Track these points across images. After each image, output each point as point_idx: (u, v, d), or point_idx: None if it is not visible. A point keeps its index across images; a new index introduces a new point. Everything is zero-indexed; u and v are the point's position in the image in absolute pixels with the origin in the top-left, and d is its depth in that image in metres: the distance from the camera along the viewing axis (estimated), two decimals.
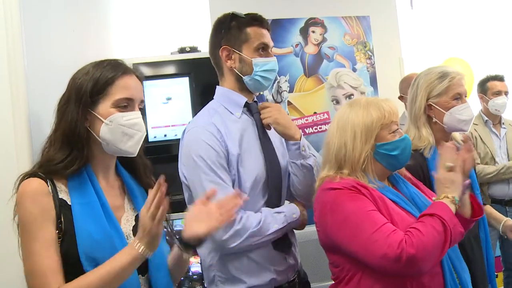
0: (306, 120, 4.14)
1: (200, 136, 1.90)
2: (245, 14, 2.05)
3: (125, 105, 1.54)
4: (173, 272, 1.64)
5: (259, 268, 1.91)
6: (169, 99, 3.29)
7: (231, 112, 2.02)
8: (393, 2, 4.63)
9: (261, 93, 4.02)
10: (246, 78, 2.00)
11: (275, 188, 2.02)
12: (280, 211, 1.96)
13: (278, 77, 4.10)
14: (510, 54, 5.18)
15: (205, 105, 2.11)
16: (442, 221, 1.58)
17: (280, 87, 4.12)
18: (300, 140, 1.98)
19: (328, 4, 4.34)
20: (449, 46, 4.92)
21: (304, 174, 2.01)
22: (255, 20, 2.02)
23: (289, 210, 1.99)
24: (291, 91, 4.14)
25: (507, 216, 3.67)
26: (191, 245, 1.55)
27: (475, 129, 3.86)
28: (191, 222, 1.51)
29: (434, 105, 2.21)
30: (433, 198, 1.73)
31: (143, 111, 3.05)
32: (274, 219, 1.91)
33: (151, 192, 1.42)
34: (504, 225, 2.83)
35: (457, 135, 2.33)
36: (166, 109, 3.29)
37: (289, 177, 2.10)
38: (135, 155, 1.59)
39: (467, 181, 1.70)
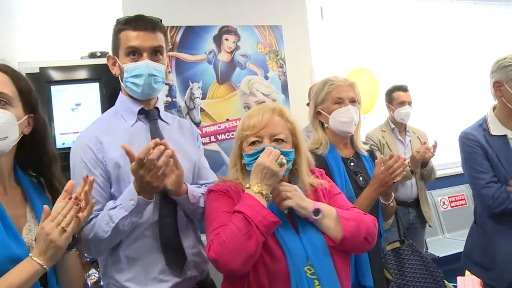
0: (219, 126, 4.20)
1: (78, 150, 1.85)
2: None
3: None
4: (62, 282, 1.58)
5: (151, 279, 1.84)
6: (78, 105, 3.19)
7: (125, 120, 1.94)
8: (304, 13, 4.81)
9: (174, 99, 4.04)
10: (123, 85, 1.93)
11: (168, 203, 1.89)
12: (116, 205, 1.76)
13: (191, 84, 4.13)
14: (413, 66, 5.53)
15: None
16: (245, 217, 1.56)
17: (193, 93, 4.14)
18: (186, 192, 1.86)
19: (241, 13, 4.44)
20: (357, 56, 5.14)
21: (199, 214, 1.94)
22: (126, 23, 1.89)
23: (125, 197, 1.76)
24: (203, 98, 4.19)
25: (409, 216, 3.99)
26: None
27: (383, 136, 4.08)
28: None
29: (321, 111, 2.36)
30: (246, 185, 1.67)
31: (50, 117, 3.00)
32: (105, 222, 1.75)
33: (58, 202, 1.37)
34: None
35: (360, 144, 2.44)
36: (75, 115, 3.19)
37: (193, 179, 2.05)
38: (7, 151, 1.50)
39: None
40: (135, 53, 1.88)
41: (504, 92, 2.35)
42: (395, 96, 4.09)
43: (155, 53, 1.91)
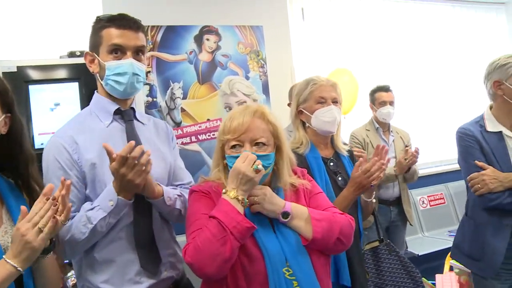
0: (200, 126, 4.19)
1: (51, 150, 1.82)
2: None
3: None
4: (39, 285, 1.55)
5: (126, 280, 1.83)
6: (57, 104, 3.15)
7: (101, 120, 1.91)
8: (285, 14, 4.82)
9: (154, 99, 4.02)
10: (103, 83, 1.89)
11: (143, 204, 1.87)
12: (94, 206, 1.76)
13: (171, 84, 4.11)
14: (393, 67, 5.58)
15: None
16: (219, 223, 1.56)
17: (174, 93, 4.13)
18: (162, 195, 1.86)
19: (222, 13, 4.44)
20: (338, 57, 5.17)
21: (175, 216, 1.95)
22: (109, 21, 1.87)
23: (104, 198, 1.75)
24: (184, 97, 4.17)
25: (390, 215, 4.06)
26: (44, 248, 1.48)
27: (367, 135, 4.14)
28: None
29: (303, 110, 2.37)
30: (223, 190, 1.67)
31: (28, 117, 2.97)
32: (83, 223, 1.73)
33: (36, 204, 1.35)
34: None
35: (340, 144, 2.45)
36: (54, 115, 3.14)
37: (169, 180, 2.03)
38: None
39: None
40: (118, 51, 1.86)
41: (505, 90, 2.39)
42: (376, 97, 4.16)
43: (137, 52, 1.90)
